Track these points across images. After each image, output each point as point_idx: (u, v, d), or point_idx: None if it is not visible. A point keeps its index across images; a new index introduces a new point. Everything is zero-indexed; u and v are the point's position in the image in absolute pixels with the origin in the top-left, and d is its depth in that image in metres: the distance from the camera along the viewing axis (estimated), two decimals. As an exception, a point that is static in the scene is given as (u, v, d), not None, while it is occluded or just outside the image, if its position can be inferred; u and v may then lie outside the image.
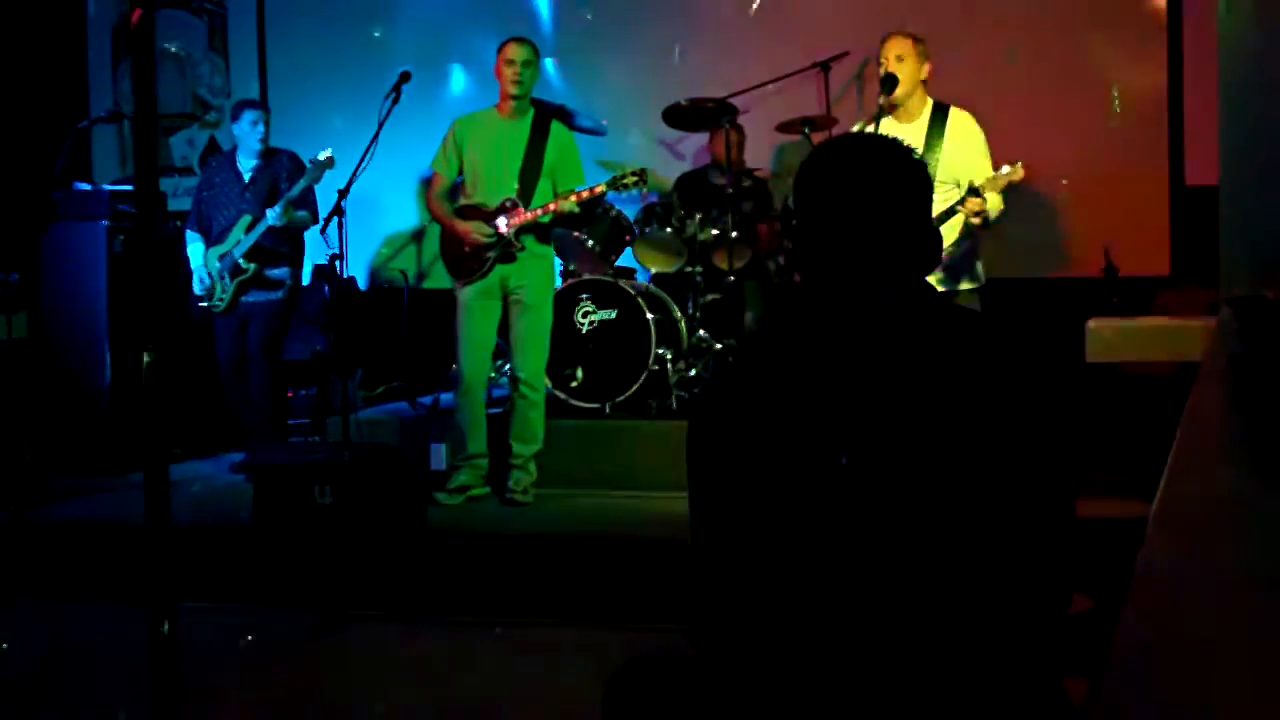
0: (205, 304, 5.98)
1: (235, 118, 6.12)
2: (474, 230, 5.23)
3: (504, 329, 5.40)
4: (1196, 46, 6.03)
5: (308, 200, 5.95)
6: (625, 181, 5.30)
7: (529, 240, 5.29)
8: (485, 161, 5.31)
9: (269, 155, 6.07)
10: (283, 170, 5.99)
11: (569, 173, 5.37)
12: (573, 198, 5.26)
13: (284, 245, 5.98)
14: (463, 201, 5.36)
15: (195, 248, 6.03)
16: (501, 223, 5.22)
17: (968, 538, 1.71)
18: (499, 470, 5.44)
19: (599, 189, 5.28)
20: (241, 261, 5.89)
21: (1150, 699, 1.09)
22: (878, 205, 1.83)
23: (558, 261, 5.91)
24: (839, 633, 1.73)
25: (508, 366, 5.68)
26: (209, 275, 5.96)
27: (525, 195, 5.26)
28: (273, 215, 5.79)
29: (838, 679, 1.73)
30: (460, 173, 5.37)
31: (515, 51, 5.27)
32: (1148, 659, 1.17)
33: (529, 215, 5.22)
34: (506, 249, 5.25)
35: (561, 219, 5.38)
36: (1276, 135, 3.08)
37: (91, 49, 7.74)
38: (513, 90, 5.27)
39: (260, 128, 6.00)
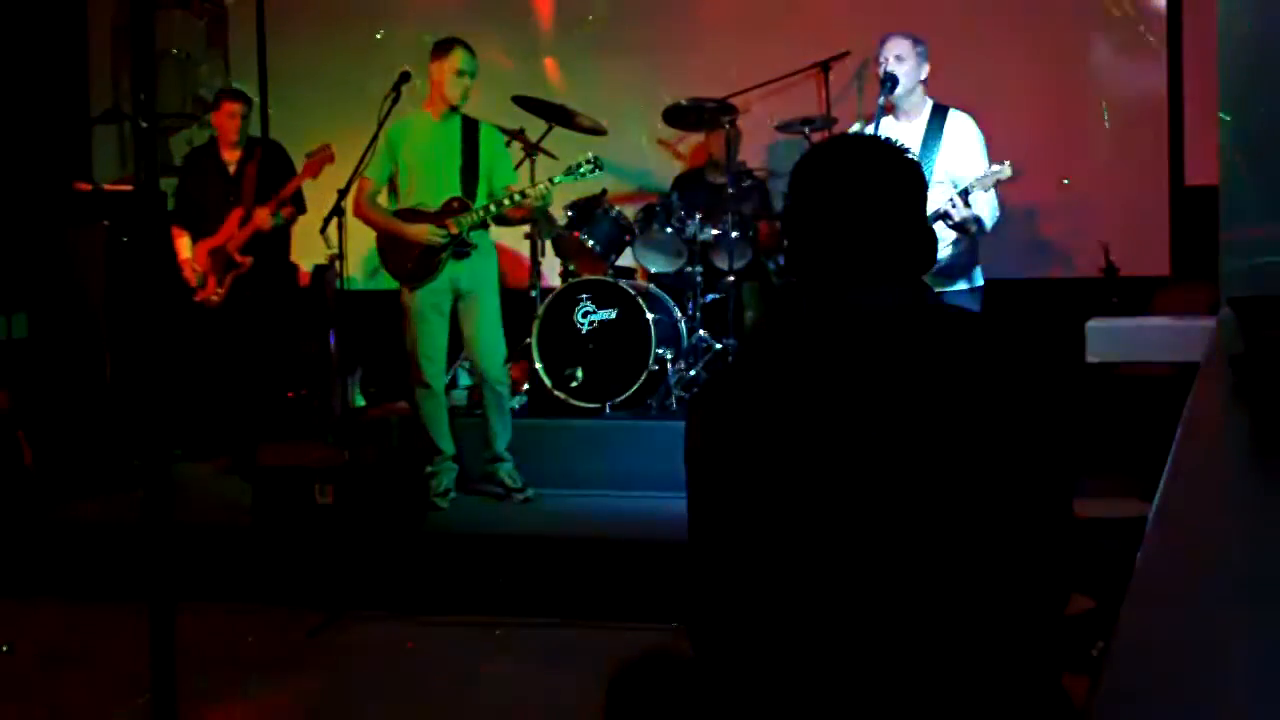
0: (199, 299, 5.98)
1: (216, 106, 6.14)
2: (428, 233, 5.20)
3: (454, 328, 5.40)
4: (1196, 46, 6.03)
5: (296, 195, 5.98)
6: (581, 170, 5.34)
7: (478, 236, 5.29)
8: (424, 164, 5.28)
9: (251, 146, 6.08)
10: (269, 162, 6.00)
11: (503, 171, 5.41)
12: (540, 186, 5.28)
13: (275, 238, 6.00)
14: (400, 205, 5.31)
15: (183, 241, 6.03)
16: (454, 222, 5.20)
17: (967, 538, 1.71)
18: (487, 470, 5.44)
19: (555, 179, 5.31)
20: (235, 255, 5.89)
21: (1150, 699, 1.09)
22: (871, 206, 1.84)
23: (544, 260, 5.92)
24: (838, 633, 1.73)
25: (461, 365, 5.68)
26: (200, 269, 5.95)
27: (468, 195, 5.26)
28: (263, 219, 5.82)
29: (837, 679, 1.73)
30: (390, 177, 5.33)
31: (469, 63, 5.25)
32: (1148, 659, 1.17)
33: (482, 211, 5.20)
34: (460, 248, 5.24)
35: (546, 216, 5.40)
36: (1277, 135, 3.08)
37: (92, 49, 7.74)
38: (457, 102, 5.27)
39: (236, 120, 6.01)
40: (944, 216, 4.51)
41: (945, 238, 4.65)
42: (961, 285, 4.79)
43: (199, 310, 6.00)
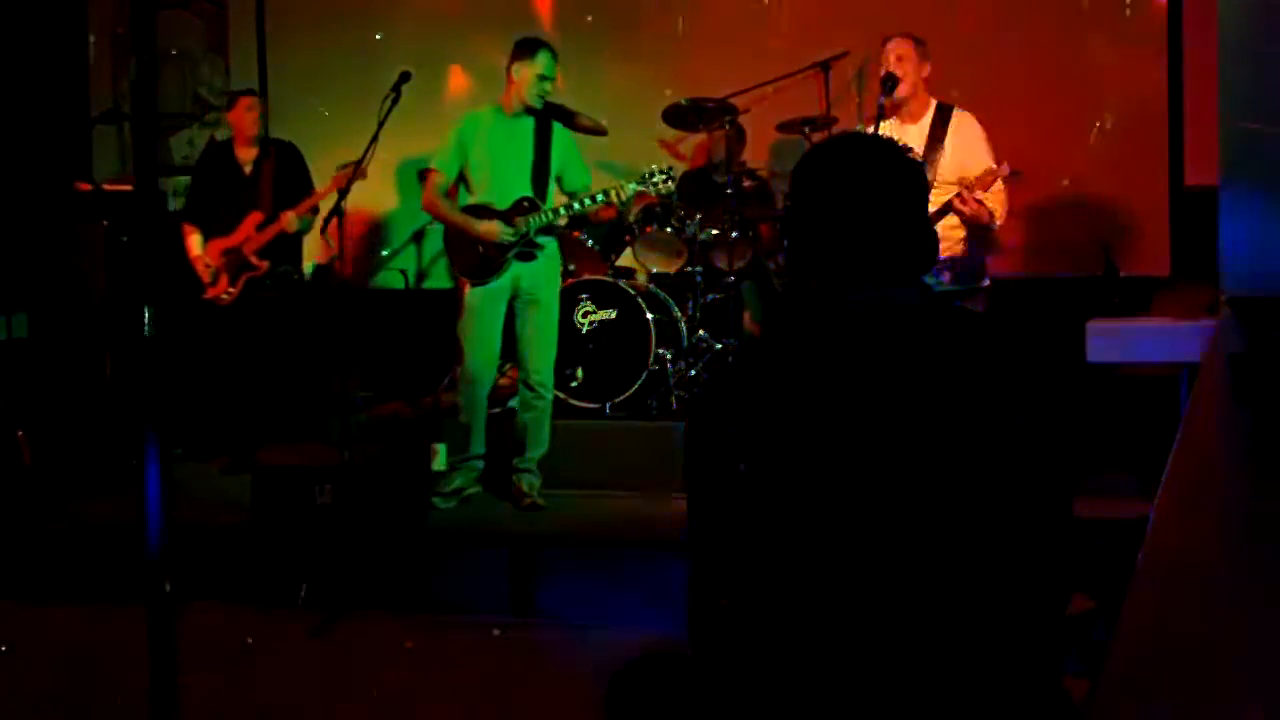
0: (208, 296, 5.99)
1: (231, 106, 6.15)
2: (498, 231, 5.20)
3: (509, 329, 5.38)
4: (1196, 46, 6.03)
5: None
6: (654, 180, 5.28)
7: (545, 239, 5.28)
8: (495, 161, 5.26)
9: (266, 146, 6.09)
10: (284, 164, 6.01)
11: (575, 172, 5.36)
12: (614, 193, 5.24)
13: (288, 242, 6.01)
14: (471, 200, 5.33)
15: (194, 239, 6.05)
16: (521, 222, 5.20)
17: (968, 539, 1.71)
18: (505, 474, 5.44)
19: (622, 188, 5.25)
20: (252, 258, 5.90)
21: (1150, 699, 1.09)
22: (871, 206, 1.84)
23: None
24: (838, 633, 1.73)
25: (506, 367, 5.67)
26: (212, 266, 5.97)
27: (538, 195, 5.25)
28: (290, 221, 5.81)
29: (837, 679, 1.73)
30: (460, 172, 5.35)
31: (552, 68, 5.22)
32: (1148, 659, 1.17)
33: (551, 213, 5.18)
34: (527, 249, 5.24)
35: (579, 218, 5.40)
36: (1277, 135, 3.08)
37: (91, 49, 7.74)
38: (535, 103, 5.24)
39: (255, 113, 6.03)
40: (951, 210, 4.52)
41: (956, 236, 4.66)
42: (973, 284, 4.81)
43: (207, 307, 6.02)
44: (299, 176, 6.02)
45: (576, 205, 5.24)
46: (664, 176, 5.28)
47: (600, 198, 5.25)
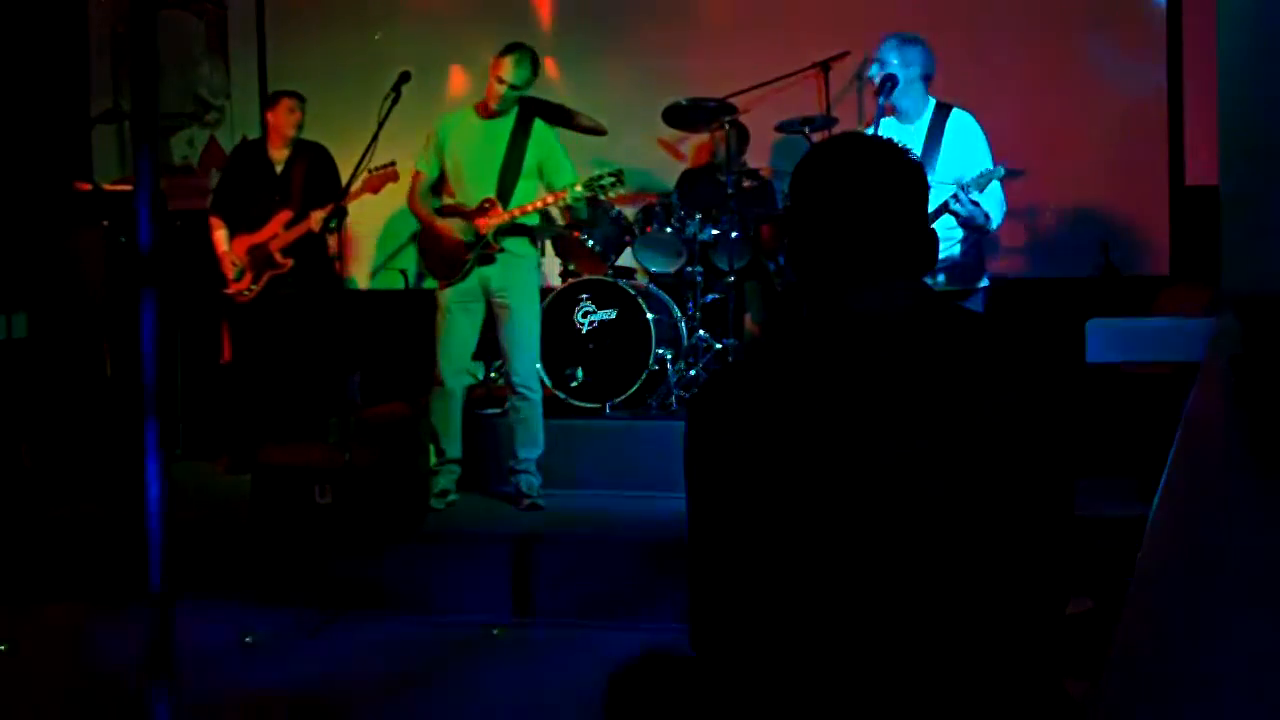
0: (230, 291, 6.00)
1: (273, 105, 6.15)
2: (453, 229, 5.21)
3: (492, 332, 5.38)
4: (1196, 46, 6.03)
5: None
6: (602, 183, 5.18)
7: (509, 242, 5.25)
8: (466, 161, 5.28)
9: (300, 148, 6.09)
10: (316, 166, 6.02)
11: (557, 171, 5.30)
12: (549, 199, 5.22)
13: (315, 242, 6.03)
14: (445, 201, 5.34)
15: (221, 234, 6.06)
16: (481, 223, 5.20)
17: (969, 539, 1.71)
18: (505, 475, 5.44)
19: (568, 192, 5.18)
20: (277, 256, 5.91)
21: (1150, 699, 1.09)
22: (871, 206, 1.84)
23: (545, 260, 5.90)
24: (840, 633, 1.73)
25: (495, 367, 5.68)
26: (238, 263, 5.98)
27: (504, 195, 5.22)
28: (319, 221, 5.81)
29: (839, 680, 1.73)
30: (441, 172, 5.35)
31: (513, 73, 5.18)
32: (1148, 659, 1.17)
33: (506, 215, 5.19)
34: (485, 250, 5.22)
35: (546, 217, 5.40)
36: (1277, 135, 3.08)
37: (91, 49, 7.74)
38: (492, 105, 5.25)
39: (296, 115, 6.06)
40: (948, 210, 4.51)
41: (954, 237, 4.66)
42: (972, 286, 4.81)
43: (225, 303, 6.03)
44: (329, 179, 6.02)
45: (534, 209, 5.23)
46: (612, 180, 5.17)
47: (530, 207, 5.22)
